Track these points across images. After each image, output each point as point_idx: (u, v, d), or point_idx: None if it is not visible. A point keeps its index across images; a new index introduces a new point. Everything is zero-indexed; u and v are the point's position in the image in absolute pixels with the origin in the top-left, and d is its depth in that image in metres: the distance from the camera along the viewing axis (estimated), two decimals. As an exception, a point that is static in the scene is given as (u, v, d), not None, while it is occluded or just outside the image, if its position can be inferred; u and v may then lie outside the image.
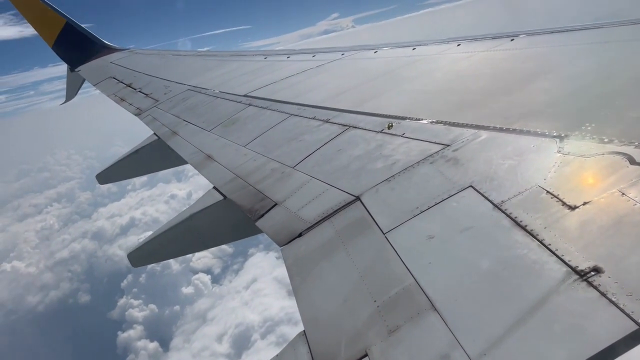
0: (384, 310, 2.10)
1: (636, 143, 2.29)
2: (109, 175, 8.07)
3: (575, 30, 4.56)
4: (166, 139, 6.51)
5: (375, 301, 2.17)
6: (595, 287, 1.68)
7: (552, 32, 4.73)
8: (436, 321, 1.90)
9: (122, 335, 57.42)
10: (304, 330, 2.28)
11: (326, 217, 3.02)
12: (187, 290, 61.71)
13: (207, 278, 63.24)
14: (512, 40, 4.85)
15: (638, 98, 2.83)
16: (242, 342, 46.75)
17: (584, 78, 3.43)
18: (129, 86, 10.65)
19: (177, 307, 59.13)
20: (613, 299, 1.61)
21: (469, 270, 2.06)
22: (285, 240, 3.05)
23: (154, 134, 7.10)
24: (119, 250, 72.88)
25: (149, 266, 62.58)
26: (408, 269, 2.23)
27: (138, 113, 8.57)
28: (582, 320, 1.61)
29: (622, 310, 1.56)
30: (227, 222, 4.17)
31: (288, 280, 2.68)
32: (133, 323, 59.02)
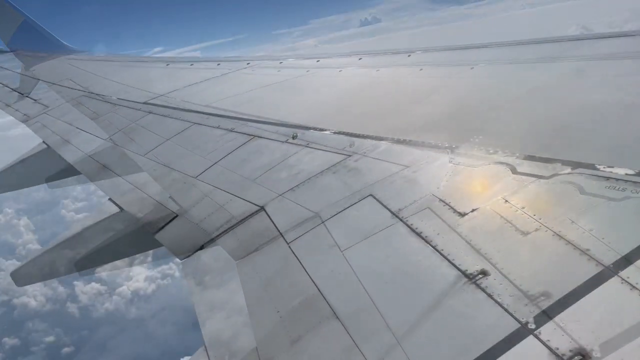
0: (287, 321, 2.09)
1: (517, 154, 2.49)
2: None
3: (468, 48, 4.90)
4: (57, 147, 6.05)
5: (278, 312, 2.16)
6: (483, 289, 1.79)
7: (447, 50, 5.04)
8: (337, 328, 1.92)
9: None
10: (204, 346, 2.20)
11: (230, 228, 2.96)
12: None
13: None
14: (409, 56, 5.11)
15: (520, 113, 3.09)
16: None
17: (475, 94, 3.69)
18: (15, 90, 9.79)
19: None
20: (498, 300, 1.72)
21: (369, 277, 2.11)
22: (187, 253, 2.94)
23: (43, 142, 6.57)
24: None
25: None
26: (311, 278, 2.24)
27: (25, 120, 7.89)
28: (472, 321, 1.71)
29: (506, 310, 1.68)
30: (124, 236, 3.94)
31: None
32: None
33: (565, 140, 2.57)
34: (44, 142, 6.57)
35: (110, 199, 4.04)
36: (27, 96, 9.25)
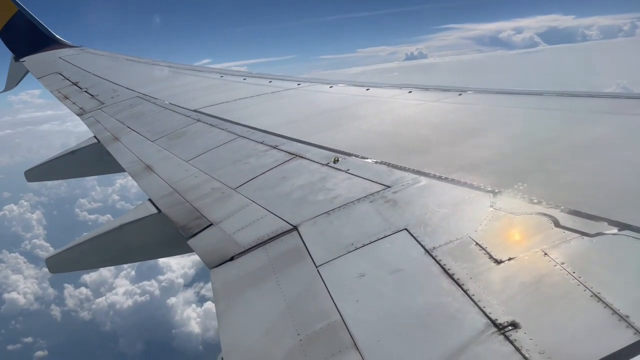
0: (306, 345, 2.07)
1: (562, 207, 2.42)
2: (39, 173, 7.62)
3: (520, 94, 4.84)
4: (106, 143, 6.28)
5: (298, 334, 2.14)
6: (511, 342, 1.72)
7: (498, 93, 4.99)
8: (357, 360, 1.88)
9: None
10: (221, 357, 2.21)
11: (261, 243, 2.98)
12: None
13: None
14: (460, 94, 5.08)
15: (569, 165, 3.02)
16: None
17: (523, 140, 3.62)
18: (75, 84, 10.25)
19: None
20: (527, 355, 1.66)
21: (394, 312, 2.07)
22: (216, 262, 2.97)
23: (94, 136, 6.84)
24: None
25: None
26: (335, 305, 2.22)
27: (81, 113, 8.24)
28: (496, 373, 1.65)
29: (534, 367, 1.61)
30: (158, 237, 4.02)
31: None
32: None
33: (616, 199, 2.48)
34: (94, 136, 6.82)
35: (150, 200, 4.14)
36: (85, 91, 9.66)
